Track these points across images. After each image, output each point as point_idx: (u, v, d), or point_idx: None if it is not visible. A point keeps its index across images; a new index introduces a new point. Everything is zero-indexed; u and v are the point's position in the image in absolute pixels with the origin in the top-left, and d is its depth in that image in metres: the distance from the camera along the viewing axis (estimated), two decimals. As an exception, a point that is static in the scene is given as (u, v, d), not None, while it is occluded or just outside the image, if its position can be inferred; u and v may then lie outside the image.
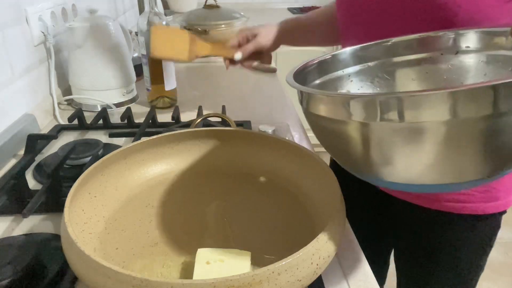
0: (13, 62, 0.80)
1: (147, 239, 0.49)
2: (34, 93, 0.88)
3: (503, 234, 2.04)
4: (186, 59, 0.78)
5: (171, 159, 0.61)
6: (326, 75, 0.56)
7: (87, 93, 0.96)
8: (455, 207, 0.66)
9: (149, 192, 0.57)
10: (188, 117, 0.88)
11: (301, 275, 0.36)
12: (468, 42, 0.52)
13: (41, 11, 0.90)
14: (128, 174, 0.57)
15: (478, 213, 0.66)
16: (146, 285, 0.33)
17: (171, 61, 0.93)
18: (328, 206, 0.47)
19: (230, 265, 0.41)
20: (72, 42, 0.93)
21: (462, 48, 0.52)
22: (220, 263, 0.41)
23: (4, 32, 0.77)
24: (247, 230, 0.51)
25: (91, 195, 0.51)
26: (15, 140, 0.75)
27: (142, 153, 0.59)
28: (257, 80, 1.20)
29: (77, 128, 0.84)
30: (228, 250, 0.43)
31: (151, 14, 0.89)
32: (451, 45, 0.53)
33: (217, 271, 0.34)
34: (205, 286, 0.33)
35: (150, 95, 0.97)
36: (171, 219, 0.53)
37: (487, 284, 1.75)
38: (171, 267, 0.45)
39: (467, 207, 0.66)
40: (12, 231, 0.54)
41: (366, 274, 0.48)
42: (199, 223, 0.54)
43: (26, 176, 0.62)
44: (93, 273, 0.36)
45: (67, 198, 0.44)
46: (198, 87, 1.14)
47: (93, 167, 0.51)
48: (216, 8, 1.47)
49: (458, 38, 0.52)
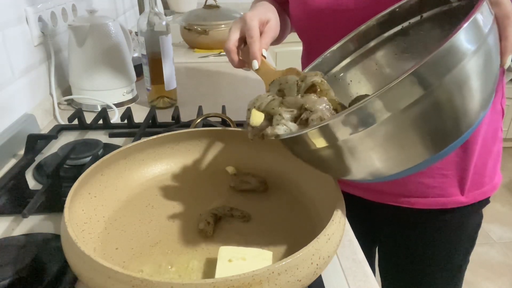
0: (13, 62, 0.80)
1: (147, 239, 0.49)
2: (34, 93, 0.88)
3: (503, 234, 2.05)
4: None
5: (171, 159, 0.61)
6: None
7: (87, 93, 0.96)
8: (444, 202, 0.67)
9: (149, 192, 0.57)
10: (188, 117, 0.88)
11: (301, 275, 0.36)
12: (427, 6, 0.53)
13: (41, 11, 0.90)
14: (128, 174, 0.57)
15: (469, 203, 0.68)
16: (146, 285, 0.33)
17: None
18: (328, 206, 0.47)
19: (252, 264, 0.41)
20: (72, 42, 0.93)
21: (425, 11, 0.53)
22: (242, 261, 0.41)
23: (4, 32, 0.77)
24: (247, 230, 0.51)
25: (91, 195, 0.51)
26: (15, 140, 0.75)
27: (142, 153, 0.59)
28: (257, 80, 1.20)
29: (77, 128, 0.84)
30: (250, 249, 0.43)
31: (151, 14, 0.89)
32: (414, 10, 0.54)
33: (239, 269, 0.34)
34: (205, 286, 0.33)
35: (150, 95, 0.97)
36: (171, 219, 0.53)
37: (487, 284, 1.75)
38: (171, 267, 0.45)
39: (456, 200, 0.67)
40: (12, 231, 0.54)
41: (366, 274, 0.48)
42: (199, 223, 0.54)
43: (26, 176, 0.62)
44: (93, 273, 0.36)
45: (67, 198, 0.44)
46: (198, 87, 1.14)
47: (93, 167, 0.51)
48: (216, 8, 1.47)
49: (419, 2, 0.53)
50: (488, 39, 0.35)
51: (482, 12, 0.35)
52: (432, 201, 0.67)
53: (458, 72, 0.33)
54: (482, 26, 0.35)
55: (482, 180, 0.68)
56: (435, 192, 0.67)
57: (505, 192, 2.37)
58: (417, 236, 0.73)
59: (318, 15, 0.66)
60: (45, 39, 0.91)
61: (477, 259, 1.87)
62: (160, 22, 0.90)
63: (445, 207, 0.67)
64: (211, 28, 1.40)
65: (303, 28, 0.72)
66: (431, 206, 0.68)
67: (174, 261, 0.46)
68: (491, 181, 0.69)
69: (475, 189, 0.67)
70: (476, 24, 0.34)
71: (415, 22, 0.54)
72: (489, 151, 0.67)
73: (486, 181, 0.69)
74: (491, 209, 0.71)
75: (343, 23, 0.62)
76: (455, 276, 0.75)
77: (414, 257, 0.75)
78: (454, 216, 0.69)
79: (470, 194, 0.67)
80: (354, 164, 0.39)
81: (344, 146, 0.37)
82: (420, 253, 0.74)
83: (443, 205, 0.67)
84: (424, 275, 0.75)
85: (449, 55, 0.33)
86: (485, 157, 0.67)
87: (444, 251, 0.72)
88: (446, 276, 0.74)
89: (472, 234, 0.73)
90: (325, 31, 0.66)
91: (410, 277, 0.77)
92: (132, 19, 1.73)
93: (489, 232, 2.06)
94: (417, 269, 0.75)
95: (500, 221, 2.14)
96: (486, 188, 0.69)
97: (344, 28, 0.59)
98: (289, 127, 0.44)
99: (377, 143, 0.36)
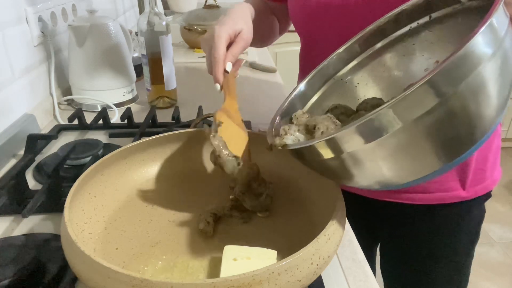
0: (13, 62, 0.80)
1: (147, 239, 0.49)
2: (34, 93, 0.88)
3: (503, 234, 2.05)
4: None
5: (171, 159, 0.61)
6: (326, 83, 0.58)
7: (87, 93, 0.96)
8: (445, 196, 0.67)
9: (149, 192, 0.57)
10: (188, 117, 0.88)
11: (301, 275, 0.36)
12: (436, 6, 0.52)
13: (41, 11, 0.90)
14: (128, 174, 0.57)
15: (470, 198, 0.68)
16: (146, 285, 0.33)
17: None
18: (328, 206, 0.47)
19: (256, 263, 0.41)
20: (72, 42, 0.93)
21: (434, 11, 0.52)
22: (247, 261, 0.41)
23: (4, 32, 0.77)
24: (247, 230, 0.51)
25: (91, 195, 0.51)
26: (15, 140, 0.75)
27: (142, 153, 0.59)
28: (257, 80, 1.20)
29: (77, 128, 0.84)
30: (255, 248, 0.43)
31: (151, 14, 0.89)
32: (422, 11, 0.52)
33: (244, 268, 0.34)
34: (205, 286, 0.33)
35: (150, 95, 0.97)
36: (171, 219, 0.53)
37: (487, 284, 1.76)
38: (171, 267, 0.45)
39: (457, 195, 0.67)
40: (12, 231, 0.54)
41: (366, 274, 0.48)
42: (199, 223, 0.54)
43: (26, 176, 0.62)
44: (93, 273, 0.36)
45: (67, 198, 0.44)
46: (198, 87, 1.14)
47: (93, 167, 0.51)
48: (216, 8, 1.47)
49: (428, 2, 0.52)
50: (504, 42, 0.34)
51: (498, 14, 0.33)
52: (433, 196, 0.67)
53: (474, 78, 0.32)
54: (498, 29, 0.33)
55: (483, 174, 0.68)
56: (436, 187, 0.67)
57: (505, 192, 2.37)
58: (418, 232, 0.73)
59: (317, 10, 0.66)
60: (45, 39, 0.91)
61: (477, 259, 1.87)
62: (160, 22, 0.90)
63: (446, 202, 0.67)
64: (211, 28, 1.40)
65: (302, 24, 0.72)
66: (432, 201, 0.68)
67: (174, 261, 0.46)
68: (491, 175, 0.70)
69: (476, 183, 0.68)
70: (492, 27, 0.33)
71: (424, 23, 0.53)
72: (490, 146, 0.68)
73: (487, 176, 0.69)
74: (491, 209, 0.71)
75: (342, 19, 0.61)
76: (458, 273, 0.75)
77: (415, 255, 0.75)
78: (455, 211, 0.69)
79: (471, 189, 0.67)
80: (362, 174, 0.39)
81: (353, 157, 0.37)
82: (421, 250, 0.74)
83: (444, 200, 0.67)
84: (426, 273, 0.75)
85: (465, 61, 0.31)
86: (485, 152, 0.67)
87: (446, 247, 0.72)
88: (449, 273, 0.74)
89: (474, 229, 0.73)
90: (324, 27, 0.66)
91: (412, 276, 0.77)
92: (132, 19, 1.73)
93: (489, 232, 2.06)
94: (418, 267, 0.75)
95: (500, 221, 2.14)
96: (487, 183, 0.69)
97: (343, 24, 0.59)
98: (297, 137, 0.44)
99: (388, 154, 0.35)
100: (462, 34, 0.47)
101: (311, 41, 0.73)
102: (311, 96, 0.58)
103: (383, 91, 0.57)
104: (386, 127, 0.33)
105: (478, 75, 0.32)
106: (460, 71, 0.31)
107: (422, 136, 0.34)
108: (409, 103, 0.32)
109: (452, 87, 0.32)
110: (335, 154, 0.37)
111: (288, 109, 0.54)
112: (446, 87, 0.32)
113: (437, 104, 0.32)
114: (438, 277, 0.74)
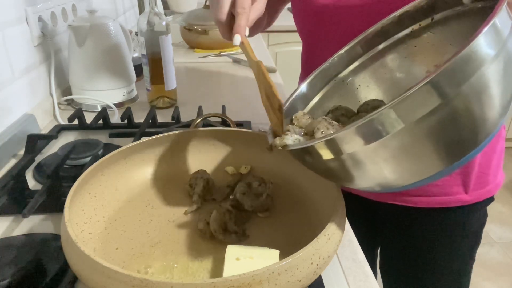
0: (13, 62, 0.80)
1: (147, 239, 0.49)
2: (34, 93, 0.88)
3: (503, 234, 2.05)
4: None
5: (171, 159, 0.61)
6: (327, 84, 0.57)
7: (87, 93, 0.96)
8: (448, 200, 0.67)
9: (149, 192, 0.57)
10: (188, 117, 0.88)
11: (301, 275, 0.36)
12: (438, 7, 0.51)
13: (41, 11, 0.90)
14: (128, 174, 0.57)
15: (472, 202, 0.67)
16: (146, 285, 0.33)
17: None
18: (328, 206, 0.47)
19: (259, 262, 0.41)
20: (72, 42, 0.93)
21: (437, 13, 0.51)
22: (249, 260, 0.41)
23: (4, 32, 0.77)
24: (247, 230, 0.51)
25: (91, 195, 0.51)
26: (15, 140, 0.75)
27: (142, 153, 0.59)
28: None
29: (77, 128, 0.84)
30: (257, 248, 0.43)
31: (151, 14, 0.89)
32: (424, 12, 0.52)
33: (247, 268, 0.34)
34: (205, 286, 0.33)
35: (150, 95, 0.97)
36: (171, 219, 0.53)
37: (487, 284, 1.76)
38: (171, 267, 0.45)
39: (459, 199, 0.67)
40: (12, 231, 0.54)
41: (366, 274, 0.48)
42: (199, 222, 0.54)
43: (26, 176, 0.62)
44: (93, 273, 0.36)
45: (67, 198, 0.44)
46: (198, 87, 1.14)
47: (93, 167, 0.51)
48: (216, 8, 1.47)
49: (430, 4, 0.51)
50: (508, 43, 0.33)
51: (501, 15, 0.33)
52: (435, 199, 0.67)
53: (477, 79, 0.32)
54: (502, 30, 0.33)
55: (486, 178, 0.67)
56: (439, 191, 0.66)
57: (506, 192, 2.37)
58: (419, 235, 0.73)
59: (322, 11, 0.65)
60: (45, 39, 0.91)
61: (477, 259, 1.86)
62: (160, 22, 0.90)
63: (449, 205, 0.67)
64: (211, 28, 1.40)
65: (306, 25, 0.72)
66: (434, 204, 0.67)
67: (174, 261, 0.46)
68: (494, 179, 0.69)
69: (479, 187, 0.67)
70: (496, 28, 0.32)
71: (426, 25, 0.52)
72: (493, 149, 0.67)
73: (490, 180, 0.68)
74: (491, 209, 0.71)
75: (346, 20, 0.61)
76: (460, 277, 0.75)
77: (417, 258, 0.74)
78: (457, 215, 0.69)
79: (474, 193, 0.67)
80: (362, 175, 0.38)
81: (353, 158, 0.36)
82: (423, 253, 0.73)
83: (447, 203, 0.67)
84: (427, 276, 0.74)
85: (468, 62, 0.31)
86: (489, 155, 0.67)
87: (448, 250, 0.72)
88: (450, 276, 0.74)
89: (476, 233, 0.72)
90: (328, 29, 0.66)
91: (413, 278, 0.77)
92: (132, 19, 1.73)
93: (489, 232, 2.06)
94: (419, 269, 0.75)
95: (500, 221, 2.14)
96: (490, 187, 0.68)
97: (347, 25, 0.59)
98: (298, 138, 0.44)
99: (389, 155, 0.35)
100: (464, 36, 0.46)
101: (313, 41, 0.72)
102: (312, 97, 0.57)
103: (384, 93, 0.57)
104: (387, 127, 0.33)
105: (481, 76, 0.32)
106: (463, 72, 0.31)
107: (424, 137, 0.34)
108: (411, 104, 0.32)
109: (455, 88, 0.31)
110: (335, 155, 0.37)
111: (289, 110, 0.54)
112: (449, 87, 0.31)
113: (440, 105, 0.32)
114: (439, 281, 0.74)
